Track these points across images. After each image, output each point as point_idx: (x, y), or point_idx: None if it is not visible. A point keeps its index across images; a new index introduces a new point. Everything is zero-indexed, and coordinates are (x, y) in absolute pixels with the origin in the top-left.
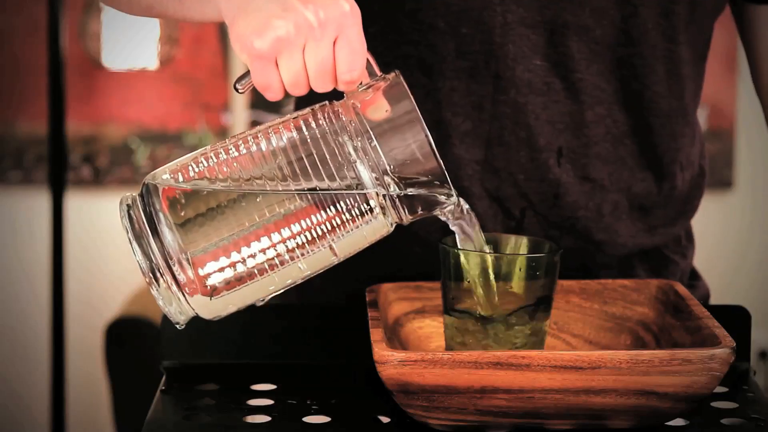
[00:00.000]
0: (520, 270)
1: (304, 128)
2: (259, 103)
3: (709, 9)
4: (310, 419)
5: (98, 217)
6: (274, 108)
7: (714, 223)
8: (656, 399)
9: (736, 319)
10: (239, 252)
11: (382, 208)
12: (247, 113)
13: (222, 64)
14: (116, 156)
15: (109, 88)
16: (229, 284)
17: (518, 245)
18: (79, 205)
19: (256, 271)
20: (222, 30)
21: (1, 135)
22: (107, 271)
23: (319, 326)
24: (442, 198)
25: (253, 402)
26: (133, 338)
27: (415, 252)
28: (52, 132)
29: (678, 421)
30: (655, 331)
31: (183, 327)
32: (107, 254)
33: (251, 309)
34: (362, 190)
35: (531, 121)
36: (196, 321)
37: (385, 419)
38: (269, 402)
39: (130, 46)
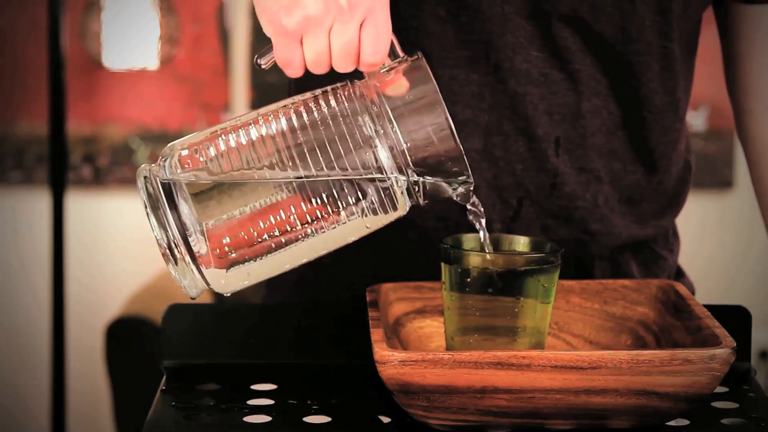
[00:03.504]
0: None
1: (324, 107)
2: (259, 103)
3: (700, 2)
4: (310, 419)
5: (99, 217)
6: None
7: (714, 223)
8: (657, 399)
9: (736, 319)
10: (254, 227)
11: (399, 190)
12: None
13: (222, 64)
14: (117, 156)
15: (109, 88)
16: (243, 258)
17: (518, 245)
18: (80, 205)
19: (270, 247)
20: (222, 30)
21: (1, 135)
22: (107, 271)
23: (319, 326)
24: (459, 181)
25: (253, 402)
26: (133, 338)
27: (410, 239)
28: (52, 132)
29: (678, 421)
30: (656, 331)
31: (196, 298)
32: (107, 254)
33: (251, 309)
34: (381, 174)
35: (529, 111)
36: (195, 321)
37: (385, 419)
38: (269, 402)
39: (130, 45)
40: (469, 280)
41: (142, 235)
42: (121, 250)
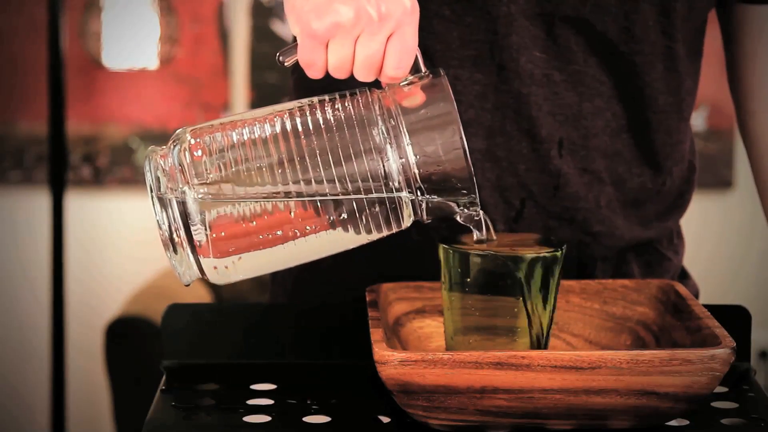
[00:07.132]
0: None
1: (340, 111)
2: (259, 103)
3: (705, 4)
4: (310, 419)
5: (98, 217)
6: None
7: (714, 223)
8: (656, 399)
9: (736, 319)
10: (256, 223)
11: (405, 205)
12: None
13: (222, 64)
14: (116, 156)
15: (109, 88)
16: (241, 252)
17: (519, 244)
18: (80, 205)
19: (269, 244)
20: (222, 30)
21: (1, 135)
22: (107, 271)
23: (319, 326)
24: (465, 203)
25: (253, 402)
26: (133, 338)
27: (412, 238)
28: (52, 132)
29: (678, 421)
30: (656, 331)
31: (189, 285)
32: (107, 254)
33: (251, 309)
34: (388, 185)
35: (533, 112)
36: (195, 321)
37: (385, 419)
38: (269, 402)
39: (130, 45)
40: (469, 280)
41: (142, 235)
42: (121, 250)
